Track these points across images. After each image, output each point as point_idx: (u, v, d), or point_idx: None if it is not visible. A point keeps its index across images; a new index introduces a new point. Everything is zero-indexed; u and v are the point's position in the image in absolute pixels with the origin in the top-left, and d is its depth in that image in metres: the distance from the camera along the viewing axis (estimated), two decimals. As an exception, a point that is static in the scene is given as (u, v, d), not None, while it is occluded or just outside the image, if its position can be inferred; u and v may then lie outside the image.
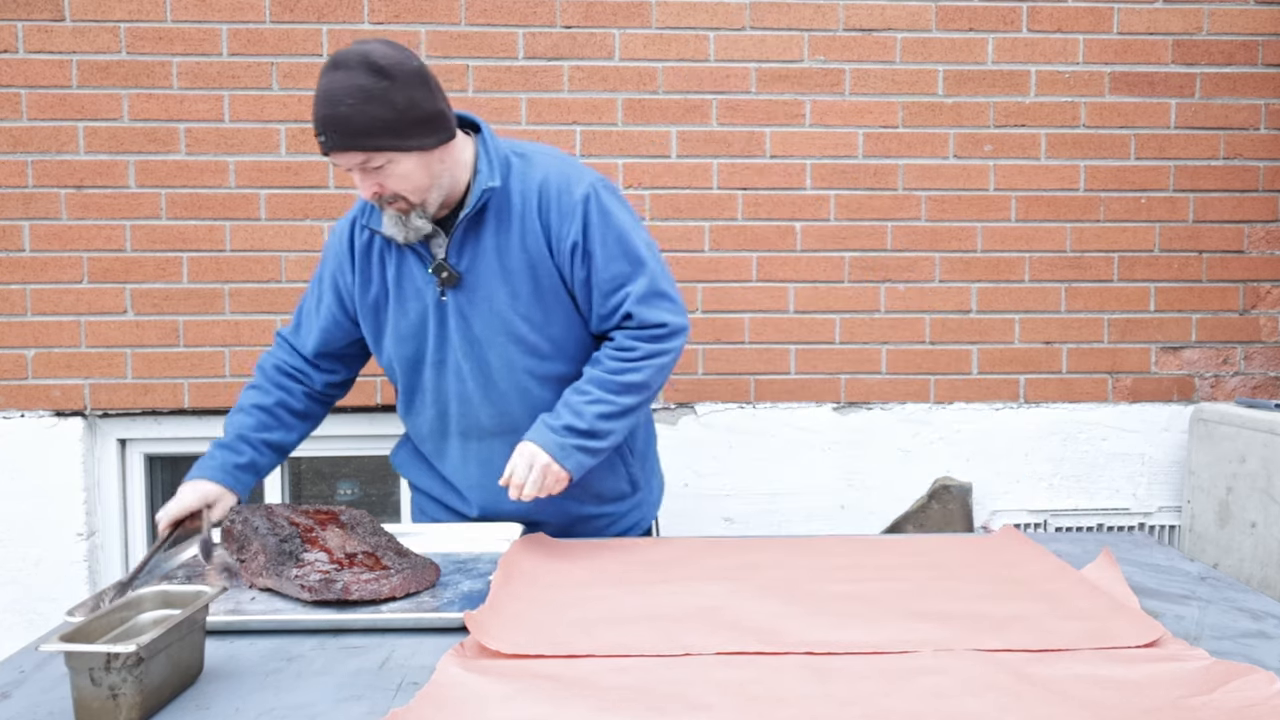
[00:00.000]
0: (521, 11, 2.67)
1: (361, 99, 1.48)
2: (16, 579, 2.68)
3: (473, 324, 1.68)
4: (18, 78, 2.61)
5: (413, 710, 0.99)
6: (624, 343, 1.67)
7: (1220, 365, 2.85)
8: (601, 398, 1.64)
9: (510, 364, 1.69)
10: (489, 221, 1.65)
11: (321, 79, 1.52)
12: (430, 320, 1.69)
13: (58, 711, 1.03)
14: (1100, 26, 2.74)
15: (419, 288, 1.69)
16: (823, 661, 1.13)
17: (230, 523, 1.48)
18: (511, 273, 1.65)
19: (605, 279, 1.66)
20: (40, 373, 2.67)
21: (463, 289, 1.67)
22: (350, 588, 1.34)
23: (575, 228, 1.63)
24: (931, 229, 2.77)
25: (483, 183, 1.62)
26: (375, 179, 1.55)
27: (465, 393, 1.72)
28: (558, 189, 1.65)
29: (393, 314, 1.72)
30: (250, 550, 1.43)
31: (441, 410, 1.75)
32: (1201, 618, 1.32)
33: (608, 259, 1.65)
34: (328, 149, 1.52)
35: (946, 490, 2.78)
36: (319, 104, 1.51)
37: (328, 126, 1.50)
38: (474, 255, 1.66)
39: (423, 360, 1.73)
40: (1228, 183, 2.80)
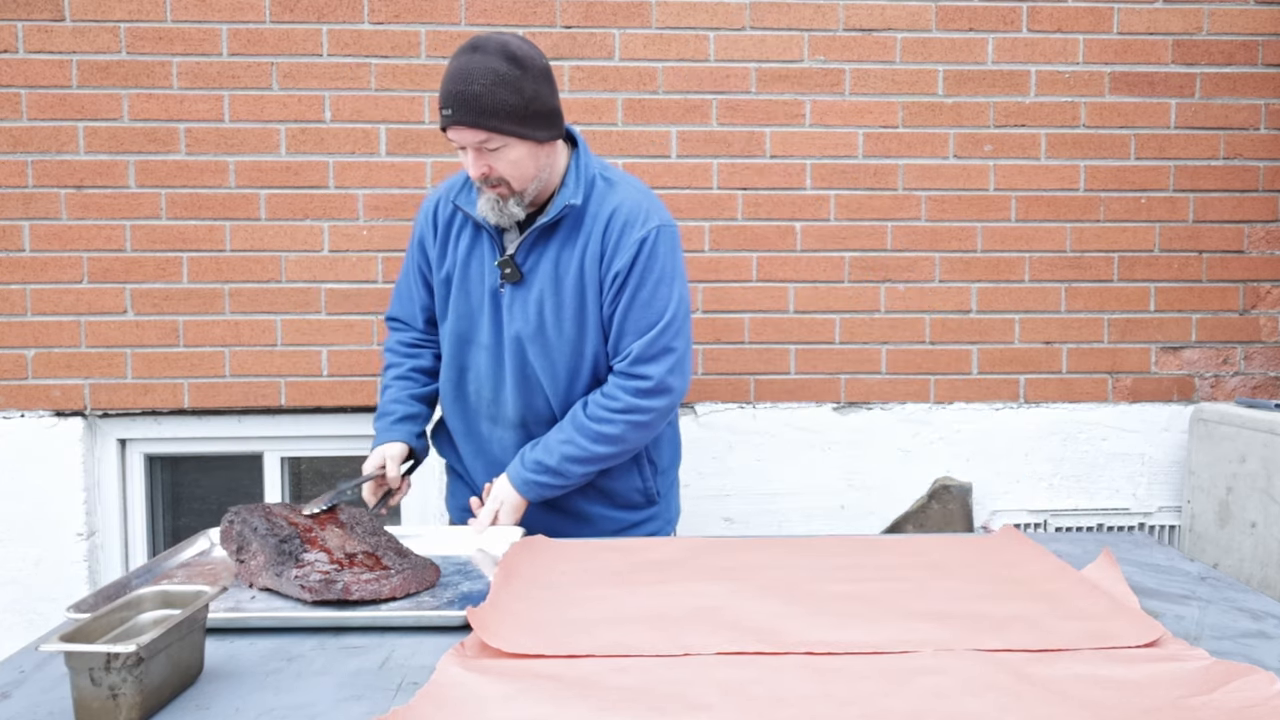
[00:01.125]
0: (521, 11, 2.67)
1: (494, 82, 1.57)
2: (16, 579, 2.68)
3: (518, 323, 1.76)
4: (18, 78, 2.61)
5: (413, 710, 0.99)
6: (611, 390, 1.74)
7: (1220, 365, 2.85)
8: (573, 439, 1.73)
9: (541, 368, 1.77)
10: (560, 233, 1.73)
11: (458, 58, 1.60)
12: (486, 306, 1.78)
13: (58, 711, 1.03)
14: (1100, 26, 2.75)
15: (484, 272, 1.78)
16: (823, 661, 1.13)
17: (229, 523, 1.48)
18: (563, 286, 1.73)
19: (628, 317, 1.73)
20: (40, 373, 2.67)
21: (520, 287, 1.75)
22: (350, 588, 1.34)
23: (624, 260, 1.71)
24: (931, 229, 2.77)
25: (566, 197, 1.71)
26: (487, 160, 1.63)
27: (502, 381, 1.80)
28: (626, 221, 1.72)
29: (456, 290, 1.80)
30: (249, 550, 1.43)
31: (478, 390, 1.84)
32: (1201, 618, 1.31)
33: (637, 300, 1.72)
34: (452, 123, 1.59)
35: (946, 490, 2.78)
36: (452, 80, 1.58)
37: (457, 102, 1.57)
38: (538, 260, 1.74)
39: (474, 341, 1.81)
40: (1228, 183, 2.80)
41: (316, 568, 1.36)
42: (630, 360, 1.73)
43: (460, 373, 1.85)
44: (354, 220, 2.70)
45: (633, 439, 1.75)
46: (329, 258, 2.70)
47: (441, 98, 1.60)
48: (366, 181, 2.69)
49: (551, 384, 1.78)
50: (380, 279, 2.72)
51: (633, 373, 1.73)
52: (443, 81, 1.61)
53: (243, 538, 1.45)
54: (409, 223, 2.70)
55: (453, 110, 1.58)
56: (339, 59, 2.66)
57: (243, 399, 2.72)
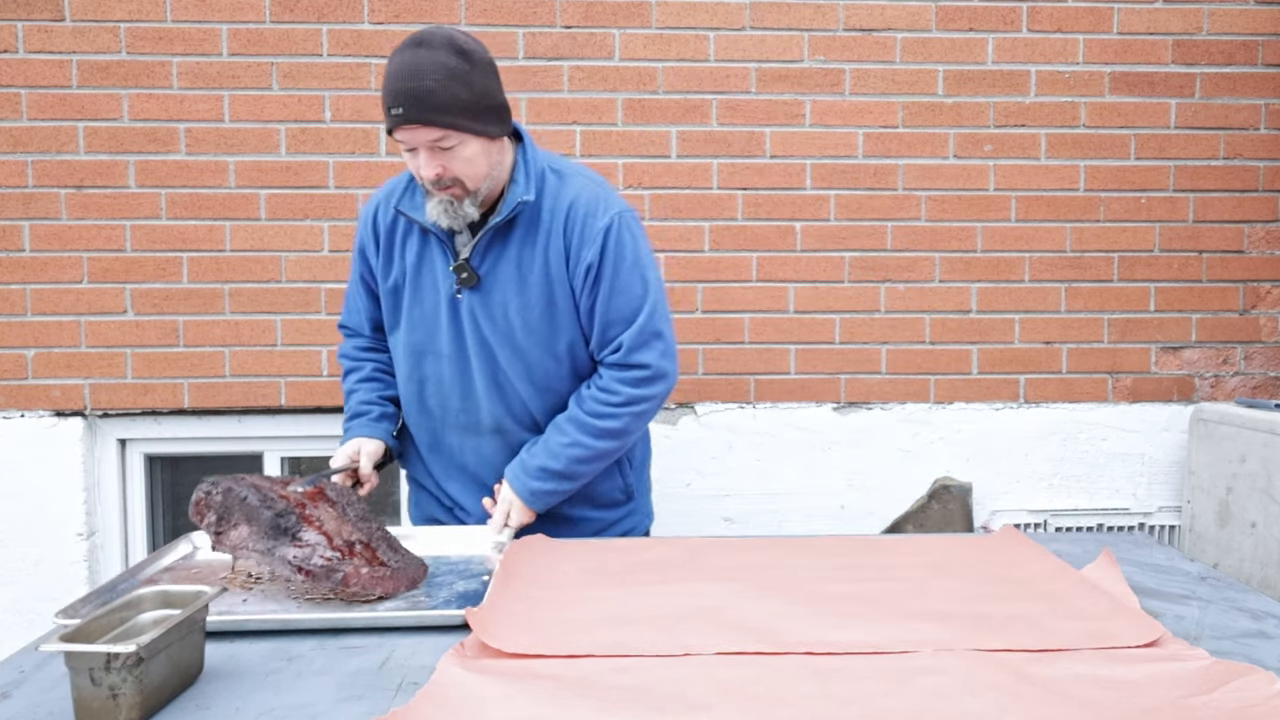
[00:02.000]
0: (521, 11, 2.67)
1: (445, 76, 1.51)
2: (16, 579, 2.68)
3: (483, 328, 1.70)
4: (18, 78, 2.61)
5: (413, 710, 0.99)
6: (608, 385, 1.70)
7: (1220, 365, 2.85)
8: (578, 440, 1.70)
9: (514, 372, 1.72)
10: (516, 232, 1.67)
11: (401, 54, 1.53)
12: (443, 313, 1.72)
13: (58, 711, 1.03)
14: (1100, 26, 2.74)
15: (436, 279, 1.71)
16: (823, 661, 1.13)
17: (205, 493, 1.40)
18: (528, 285, 1.68)
19: (610, 307, 1.69)
20: (40, 373, 2.67)
21: (478, 291, 1.69)
22: (350, 580, 1.32)
23: (593, 252, 1.66)
24: (931, 229, 2.77)
25: (518, 194, 1.65)
26: (441, 160, 1.56)
27: (471, 389, 1.74)
28: (585, 212, 1.67)
29: (408, 299, 1.75)
30: (230, 521, 1.38)
31: (443, 402, 1.77)
32: (1201, 618, 1.31)
33: (615, 289, 1.68)
34: (402, 122, 1.52)
35: (946, 490, 2.78)
36: (398, 78, 1.51)
37: (408, 100, 1.50)
38: (495, 261, 1.68)
39: (431, 350, 1.75)
40: (1228, 183, 2.80)
41: (319, 552, 1.34)
42: (624, 351, 1.69)
43: (420, 384, 1.78)
44: (354, 220, 2.70)
45: (634, 430, 1.74)
46: (329, 258, 2.70)
47: (388, 97, 1.52)
48: (366, 181, 2.69)
49: (527, 386, 1.73)
50: (380, 279, 2.71)
51: (628, 363, 1.70)
52: (387, 80, 1.53)
53: (225, 508, 1.39)
54: (409, 223, 2.70)
55: (404, 109, 1.50)
56: (339, 59, 2.66)
57: (243, 399, 2.72)
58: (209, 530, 1.40)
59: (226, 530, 1.38)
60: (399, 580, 1.38)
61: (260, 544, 1.35)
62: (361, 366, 1.88)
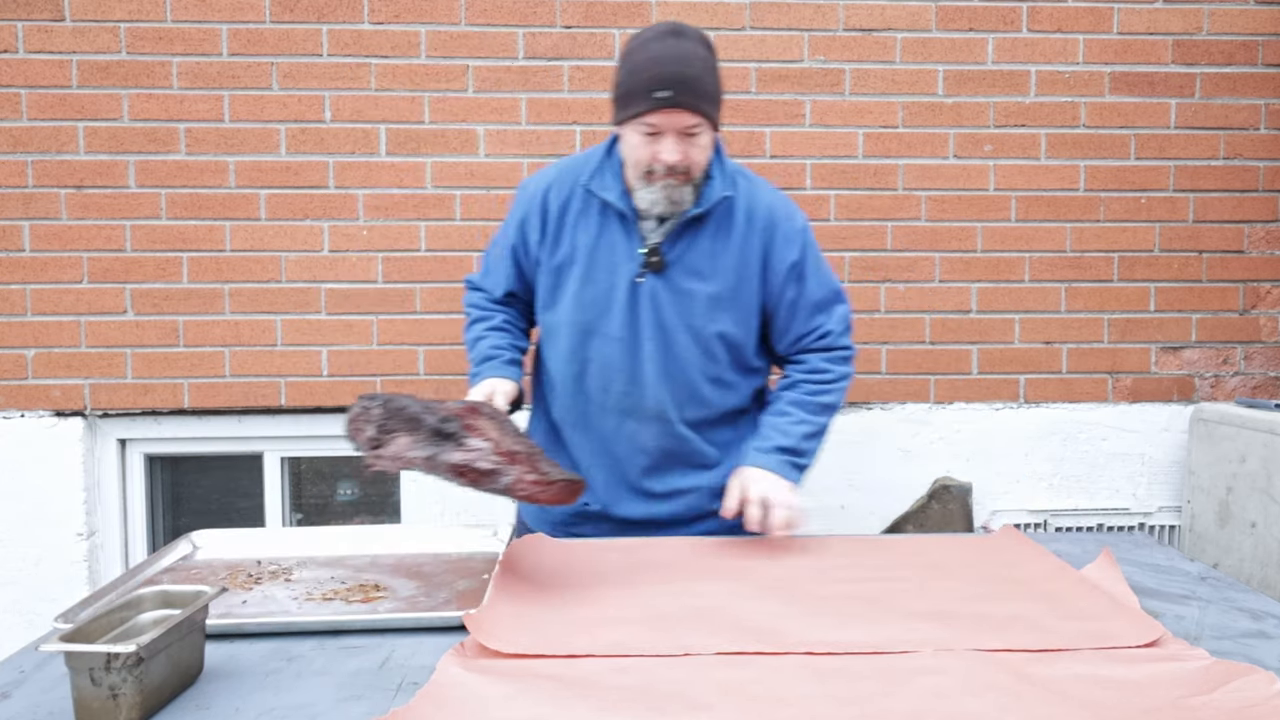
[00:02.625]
0: (521, 11, 2.67)
1: (704, 68, 1.58)
2: (16, 579, 2.68)
3: (664, 314, 1.71)
4: (18, 78, 2.61)
5: (413, 710, 0.99)
6: (818, 365, 1.79)
7: (1220, 365, 2.85)
8: (804, 419, 1.76)
9: (688, 360, 1.74)
10: (709, 225, 1.71)
11: (660, 41, 1.57)
12: (619, 296, 1.71)
13: (58, 711, 1.03)
14: (1100, 26, 2.75)
15: (615, 261, 1.71)
16: (823, 661, 1.13)
17: (364, 408, 1.39)
18: (717, 279, 1.71)
19: (812, 301, 1.77)
20: (40, 373, 2.67)
21: (663, 278, 1.70)
22: (516, 487, 1.33)
23: (795, 251, 1.74)
24: (931, 229, 2.77)
25: (719, 189, 1.70)
26: (684, 146, 1.59)
27: (638, 374, 1.74)
28: (785, 215, 1.76)
29: (577, 279, 1.73)
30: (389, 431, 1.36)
31: (605, 384, 1.76)
32: (1201, 618, 1.31)
33: (817, 284, 1.77)
34: (668, 105, 1.55)
35: (946, 490, 2.78)
36: (664, 62, 1.54)
37: (677, 84, 1.54)
38: (685, 250, 1.70)
39: (598, 331, 1.73)
40: (1228, 183, 2.80)
41: (485, 455, 1.33)
42: (832, 336, 1.79)
43: (583, 365, 1.76)
44: (354, 220, 2.70)
45: (840, 405, 1.83)
46: (329, 258, 2.70)
47: (652, 80, 1.55)
48: (366, 181, 2.69)
49: (698, 374, 1.74)
50: (380, 279, 2.72)
51: (835, 345, 1.79)
52: (645, 63, 1.56)
53: (384, 419, 1.37)
54: (409, 222, 2.70)
55: (673, 92, 1.54)
56: (339, 59, 2.66)
57: (243, 399, 2.72)
58: (365, 446, 1.38)
59: (386, 442, 1.36)
60: (560, 491, 1.37)
61: (422, 450, 1.33)
62: (491, 316, 1.84)
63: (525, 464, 1.37)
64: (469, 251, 2.72)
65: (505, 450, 1.37)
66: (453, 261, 2.72)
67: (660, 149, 1.60)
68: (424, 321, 2.73)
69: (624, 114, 1.62)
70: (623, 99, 1.62)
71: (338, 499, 3.00)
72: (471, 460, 1.32)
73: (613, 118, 1.66)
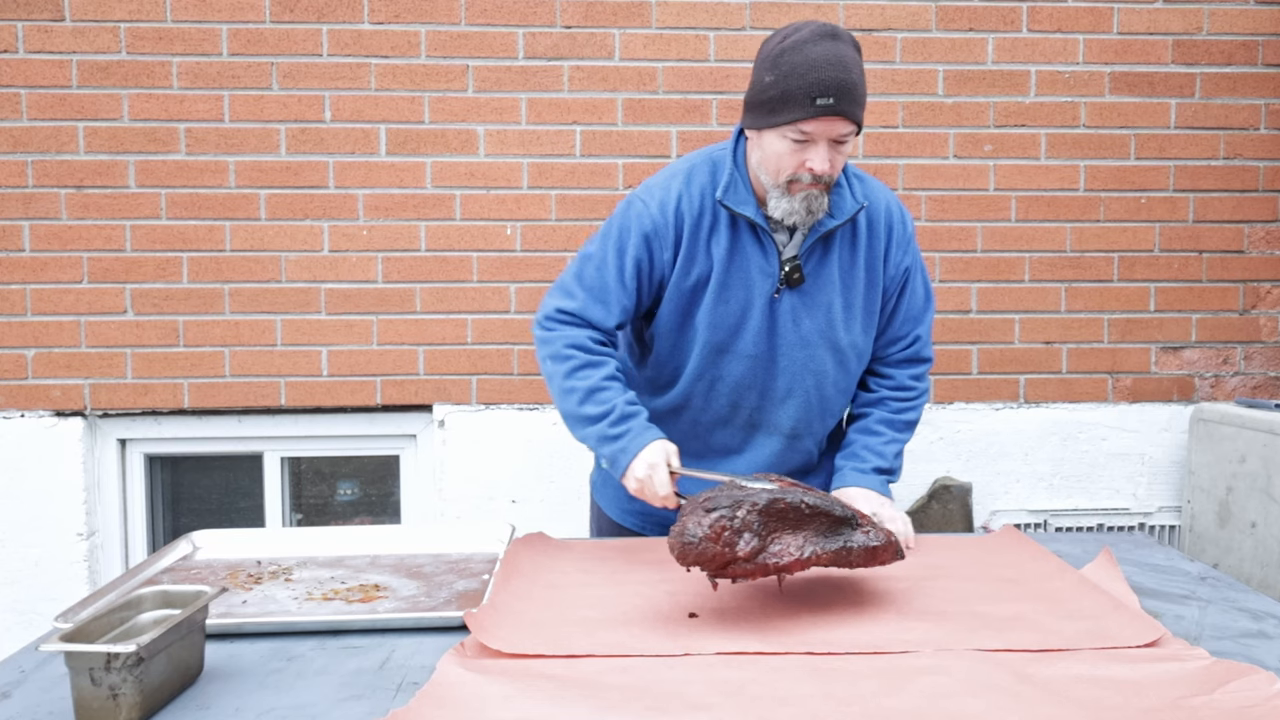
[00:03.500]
0: (521, 11, 2.67)
1: (861, 74, 1.50)
2: (16, 579, 2.68)
3: (804, 327, 1.66)
4: (18, 78, 2.61)
5: (413, 710, 0.99)
6: (904, 383, 1.76)
7: (1220, 365, 2.85)
8: (894, 438, 1.75)
9: (824, 371, 1.70)
10: (838, 233, 1.65)
11: (818, 44, 1.48)
12: (755, 312, 1.65)
13: (58, 711, 1.03)
14: (1100, 26, 2.74)
15: (750, 277, 1.64)
16: (823, 661, 1.13)
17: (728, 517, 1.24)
18: (850, 288, 1.67)
19: (911, 306, 1.74)
20: (40, 373, 2.67)
21: (800, 291, 1.65)
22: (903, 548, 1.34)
23: (909, 255, 1.72)
24: (932, 229, 2.77)
25: (854, 200, 1.64)
26: (833, 154, 1.52)
27: (771, 389, 1.69)
28: (899, 218, 1.71)
29: (712, 296, 1.64)
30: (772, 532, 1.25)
31: (735, 401, 1.70)
32: (1201, 618, 1.31)
33: (917, 289, 1.75)
34: (830, 113, 1.47)
35: (946, 490, 2.78)
36: (827, 67, 1.46)
37: (839, 91, 1.47)
38: (820, 262, 1.65)
39: (731, 349, 1.67)
40: (1228, 183, 2.80)
41: (879, 529, 1.31)
42: (919, 345, 1.76)
43: (711, 383, 1.70)
44: (354, 220, 2.70)
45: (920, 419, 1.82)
46: (329, 258, 2.70)
47: (814, 85, 1.46)
48: (366, 181, 2.69)
49: (835, 386, 1.72)
50: (380, 279, 2.72)
51: (919, 356, 1.77)
52: (804, 67, 1.47)
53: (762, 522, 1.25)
54: (409, 223, 2.70)
55: (835, 99, 1.46)
56: (339, 59, 2.66)
57: (243, 399, 2.72)
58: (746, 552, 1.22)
59: (768, 544, 1.24)
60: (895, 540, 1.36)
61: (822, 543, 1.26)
62: (603, 361, 1.63)
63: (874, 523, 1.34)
64: (469, 251, 2.72)
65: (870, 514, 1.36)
66: (453, 261, 2.72)
67: (809, 157, 1.51)
68: (424, 321, 2.73)
69: (774, 120, 1.51)
70: (773, 103, 1.50)
71: (338, 499, 3.00)
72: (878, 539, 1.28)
73: (750, 122, 1.56)
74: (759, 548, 1.22)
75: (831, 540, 1.26)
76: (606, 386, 1.60)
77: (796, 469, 1.77)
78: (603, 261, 1.66)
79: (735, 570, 1.22)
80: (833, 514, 1.27)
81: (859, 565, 1.28)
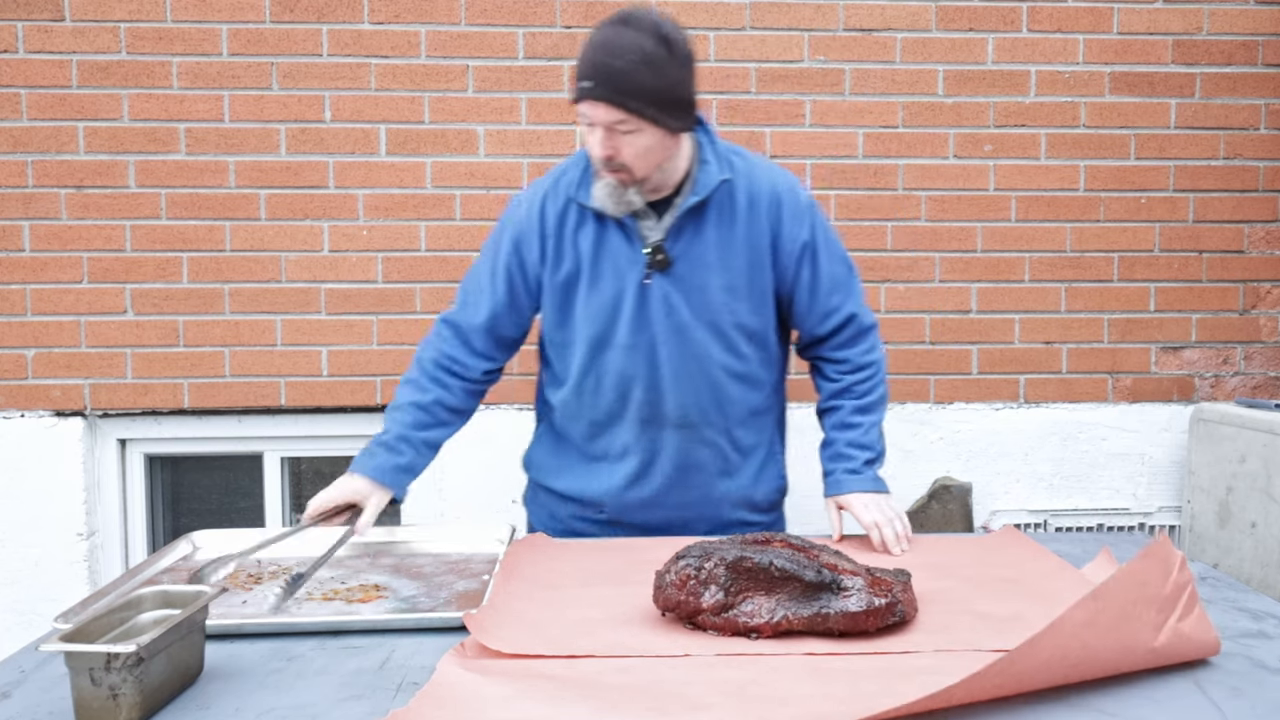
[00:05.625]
0: (521, 11, 2.67)
1: (641, 60, 1.47)
2: (16, 579, 2.68)
3: (679, 311, 1.64)
4: (18, 78, 2.61)
5: (413, 710, 0.99)
6: (859, 361, 1.76)
7: (1220, 365, 2.85)
8: (872, 422, 1.75)
9: (709, 356, 1.67)
10: (710, 213, 1.64)
11: (605, 29, 1.50)
12: (628, 301, 1.64)
13: (58, 711, 1.03)
14: (1100, 26, 2.74)
15: (619, 267, 1.64)
16: (823, 661, 1.13)
17: (695, 567, 1.22)
18: (730, 267, 1.65)
19: (828, 279, 1.71)
20: (40, 373, 2.67)
21: (671, 275, 1.63)
22: (908, 611, 1.23)
23: (805, 229, 1.68)
24: (931, 229, 2.77)
25: (717, 174, 1.62)
26: (615, 142, 1.51)
27: (656, 379, 1.68)
28: (789, 191, 1.68)
29: (584, 290, 1.66)
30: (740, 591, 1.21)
31: (623, 394, 1.69)
32: (1201, 618, 1.31)
33: (830, 260, 1.71)
34: (587, 96, 1.48)
35: (946, 490, 2.78)
36: (596, 50, 1.48)
37: (598, 75, 1.47)
38: (690, 243, 1.63)
39: (610, 341, 1.67)
40: (1228, 183, 2.80)
41: (872, 591, 1.20)
42: (857, 317, 1.75)
43: (598, 378, 1.70)
44: (354, 220, 2.70)
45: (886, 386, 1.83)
46: (329, 258, 2.70)
47: (580, 67, 1.49)
48: (366, 181, 2.69)
49: (724, 370, 1.68)
50: (380, 279, 2.71)
51: (862, 327, 1.76)
52: (584, 49, 1.50)
53: (730, 579, 1.21)
54: (409, 223, 2.70)
55: (593, 83, 1.47)
56: (339, 59, 2.66)
57: (243, 399, 2.72)
58: (711, 605, 1.20)
59: (736, 602, 1.21)
60: (912, 602, 1.25)
61: (795, 607, 1.20)
62: (426, 391, 1.71)
63: (883, 581, 1.23)
64: (469, 251, 2.72)
65: (866, 574, 1.24)
66: (453, 261, 2.72)
67: (592, 140, 1.54)
68: (424, 321, 2.73)
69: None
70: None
71: (338, 499, 2.99)
72: (865, 604, 1.18)
73: None
74: (725, 603, 1.20)
75: (806, 605, 1.19)
76: (394, 407, 1.71)
77: (715, 470, 1.73)
78: (480, 265, 1.76)
79: (704, 622, 1.21)
80: (803, 579, 1.19)
81: (841, 631, 1.18)
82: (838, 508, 1.73)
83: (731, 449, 1.75)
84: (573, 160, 1.72)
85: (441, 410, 1.72)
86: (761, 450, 1.79)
